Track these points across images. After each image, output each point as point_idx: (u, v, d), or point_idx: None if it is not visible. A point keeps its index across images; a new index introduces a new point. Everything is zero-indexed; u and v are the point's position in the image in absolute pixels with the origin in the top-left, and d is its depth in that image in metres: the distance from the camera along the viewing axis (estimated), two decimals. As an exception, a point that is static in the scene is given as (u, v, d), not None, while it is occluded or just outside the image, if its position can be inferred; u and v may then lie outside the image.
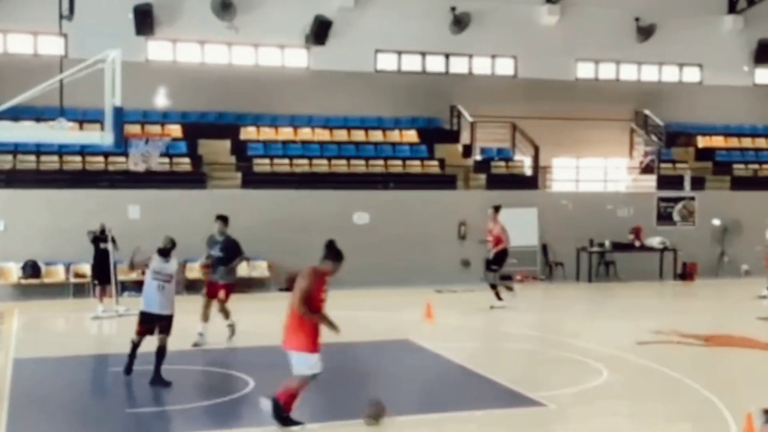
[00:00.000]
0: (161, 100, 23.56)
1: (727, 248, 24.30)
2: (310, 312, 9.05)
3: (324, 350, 9.49)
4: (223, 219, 14.64)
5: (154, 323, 11.17)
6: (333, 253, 9.40)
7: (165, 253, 11.36)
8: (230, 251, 14.32)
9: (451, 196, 23.16)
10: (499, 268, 18.21)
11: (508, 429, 9.55)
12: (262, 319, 15.46)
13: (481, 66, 26.55)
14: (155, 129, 22.34)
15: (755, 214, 24.32)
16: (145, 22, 23.39)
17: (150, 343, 11.24)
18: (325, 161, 23.48)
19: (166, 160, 21.59)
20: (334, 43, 24.80)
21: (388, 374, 12.32)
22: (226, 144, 23.48)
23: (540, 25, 26.49)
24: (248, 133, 24.22)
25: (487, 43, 26.07)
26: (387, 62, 25.85)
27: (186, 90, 23.87)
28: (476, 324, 16.63)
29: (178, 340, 12.72)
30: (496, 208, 18.51)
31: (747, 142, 28.25)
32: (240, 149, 23.42)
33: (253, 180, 22.31)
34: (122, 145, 11.66)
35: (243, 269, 21.00)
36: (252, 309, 18.65)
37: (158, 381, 10.82)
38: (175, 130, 23.06)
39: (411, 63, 26.05)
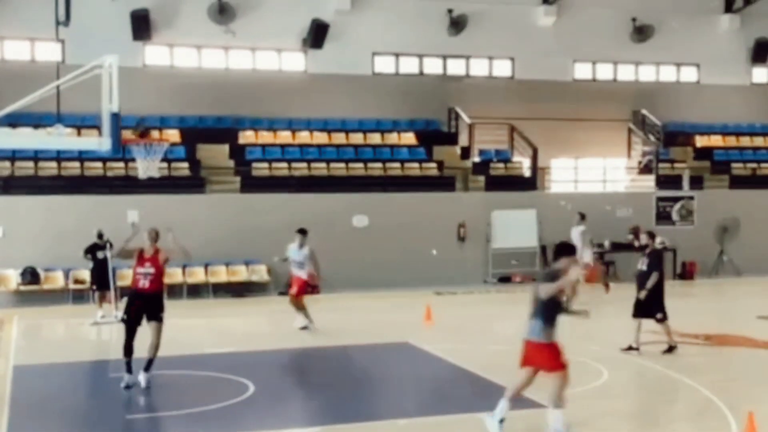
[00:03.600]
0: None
1: (726, 247, 24.28)
2: None
3: (324, 353, 9.51)
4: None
5: None
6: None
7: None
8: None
9: (449, 198, 23.16)
10: None
11: (508, 431, 9.53)
12: (262, 323, 15.45)
13: (479, 68, 26.55)
14: (153, 134, 22.33)
15: (754, 213, 24.41)
16: (141, 27, 23.38)
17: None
18: (323, 164, 23.47)
19: (165, 165, 21.57)
20: (331, 46, 24.79)
21: (388, 377, 12.31)
22: (225, 148, 23.48)
23: (537, 26, 26.49)
24: (246, 137, 24.22)
25: (484, 45, 26.07)
26: (384, 65, 25.84)
27: (184, 95, 23.87)
28: (475, 326, 16.62)
29: (176, 346, 12.73)
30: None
31: (745, 141, 28.25)
32: (238, 153, 23.42)
33: (251, 184, 22.31)
34: (120, 150, 11.65)
35: (243, 273, 21.06)
36: (252, 313, 18.68)
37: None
38: (173, 134, 23.05)
39: (408, 65, 26.04)
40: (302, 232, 15.78)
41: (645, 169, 26.11)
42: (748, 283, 22.67)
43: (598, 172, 26.85)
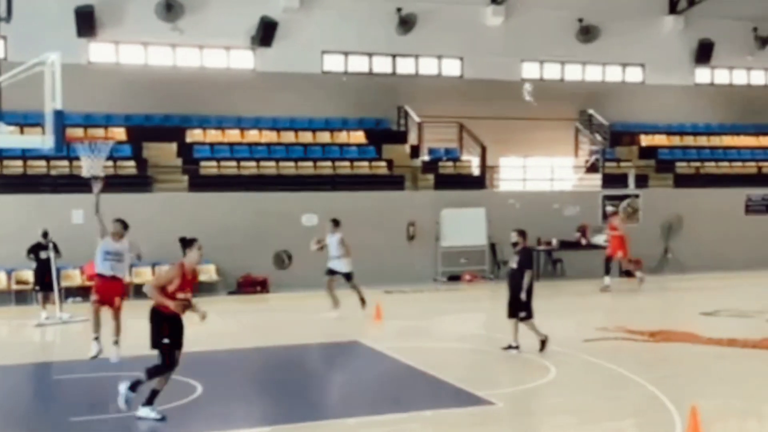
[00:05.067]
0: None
1: (670, 245, 24.69)
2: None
3: (274, 352, 9.45)
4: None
5: None
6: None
7: None
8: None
9: (399, 197, 23.20)
10: None
11: (456, 428, 9.58)
12: (210, 323, 15.27)
13: (428, 67, 26.65)
14: (98, 132, 22.04)
15: (697, 211, 24.86)
16: (86, 24, 23.03)
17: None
18: (272, 163, 23.34)
19: (111, 163, 21.27)
20: (280, 44, 24.68)
21: (337, 376, 12.30)
22: (172, 147, 23.23)
23: (485, 26, 26.67)
24: (194, 135, 23.99)
25: (433, 44, 26.18)
26: (334, 63, 25.80)
27: (130, 92, 23.58)
28: (425, 324, 16.66)
29: (122, 348, 12.56)
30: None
31: (689, 141, 28.76)
32: (186, 152, 23.19)
33: (199, 183, 22.11)
34: (64, 148, 11.45)
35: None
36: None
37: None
38: (119, 133, 22.74)
39: (358, 64, 26.05)
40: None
41: (592, 168, 26.45)
42: (692, 279, 23.07)
43: (545, 170, 27.12)
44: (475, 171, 24.94)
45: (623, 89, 28.45)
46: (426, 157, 25.16)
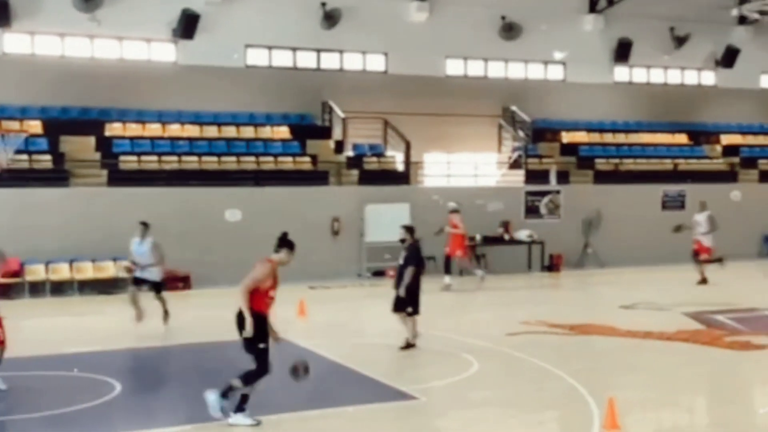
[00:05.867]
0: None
1: (590, 240, 25.16)
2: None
3: (195, 350, 9.31)
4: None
5: None
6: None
7: None
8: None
9: (323, 192, 23.11)
10: None
11: (380, 423, 9.58)
12: (130, 320, 14.98)
13: (352, 62, 26.58)
14: (13, 125, 21.43)
15: (616, 207, 25.40)
16: (0, 13, 22.30)
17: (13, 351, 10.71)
18: (195, 158, 22.98)
19: (26, 157, 20.70)
20: (202, 37, 24.28)
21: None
22: (91, 140, 22.67)
23: (409, 21, 26.72)
24: (113, 129, 23.45)
25: (357, 39, 26.11)
26: (257, 57, 25.53)
27: (46, 84, 22.93)
28: (349, 320, 16.64)
29: (38, 346, 12.22)
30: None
31: (608, 138, 29.32)
32: (105, 146, 22.66)
33: (119, 177, 21.65)
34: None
35: (111, 269, 20.38)
36: (120, 310, 18.09)
37: None
38: (35, 126, 22.10)
39: (282, 58, 25.81)
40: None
41: (514, 164, 26.75)
42: (611, 274, 23.58)
43: (469, 166, 27.36)
44: (400, 167, 24.99)
45: (545, 86, 28.84)
46: (350, 153, 25.11)
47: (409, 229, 13.64)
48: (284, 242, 9.73)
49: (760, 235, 27.80)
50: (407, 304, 13.21)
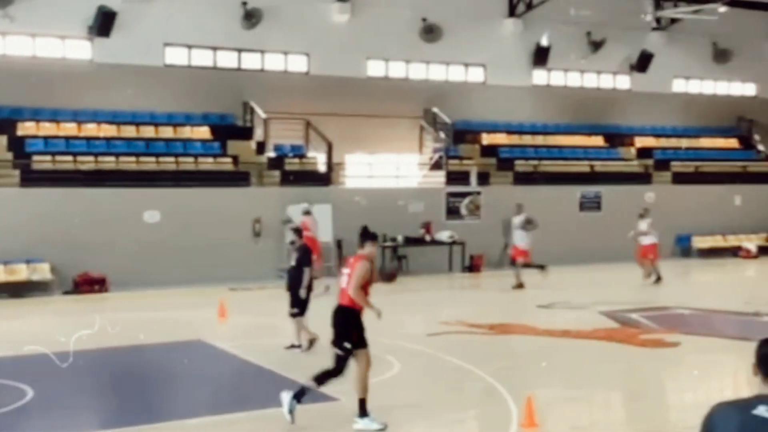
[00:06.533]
0: None
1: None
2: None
3: (112, 353, 9.13)
4: None
5: None
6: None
7: None
8: None
9: (244, 194, 22.92)
10: None
11: (300, 425, 9.52)
12: (44, 324, 14.60)
13: (274, 62, 26.41)
14: None
15: (535, 208, 25.75)
16: None
17: None
18: (112, 158, 22.52)
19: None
20: (119, 35, 23.80)
21: (178, 376, 11.97)
22: (2, 140, 22.03)
23: (331, 22, 26.69)
24: (26, 128, 22.80)
25: (279, 39, 25.95)
26: (176, 56, 25.15)
27: (-45, 82, 22.20)
28: (270, 321, 16.52)
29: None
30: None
31: (528, 140, 29.78)
32: (17, 145, 22.02)
33: (32, 178, 21.08)
34: None
35: (23, 272, 19.84)
36: (33, 313, 17.68)
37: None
38: (-57, 124, 21.39)
39: (202, 58, 25.49)
40: None
41: (436, 166, 26.96)
42: (530, 274, 23.87)
43: (391, 167, 27.46)
44: (322, 168, 24.95)
45: (465, 89, 29.12)
46: (272, 154, 24.95)
47: (297, 231, 13.69)
48: (367, 235, 9.65)
49: (673, 236, 28.60)
50: (293, 304, 13.12)
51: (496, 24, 29.19)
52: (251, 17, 25.22)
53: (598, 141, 30.78)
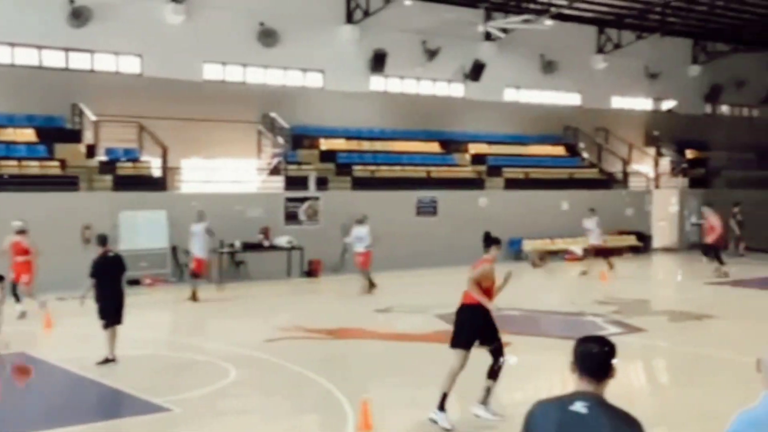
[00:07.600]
0: None
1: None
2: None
3: None
4: None
5: None
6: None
7: None
8: None
9: (73, 199, 21.96)
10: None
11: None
12: None
13: (105, 63, 25.48)
14: None
15: (374, 213, 26.02)
16: None
17: None
18: (-74, 161, 21.09)
19: None
20: (-66, 30, 22.34)
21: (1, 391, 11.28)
22: None
23: (166, 23, 26.03)
24: None
25: (110, 39, 25.05)
26: (-2, 55, 23.85)
27: None
28: (98, 332, 15.87)
29: None
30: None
31: (366, 145, 30.07)
32: None
33: None
34: None
35: None
36: None
37: None
38: None
39: (25, 56, 24.26)
40: None
41: (274, 171, 26.78)
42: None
43: (229, 172, 27.03)
44: (156, 172, 24.24)
45: (304, 94, 29.08)
46: (103, 157, 24.02)
47: (102, 240, 13.34)
48: (491, 240, 10.19)
49: (505, 240, 29.53)
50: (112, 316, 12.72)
51: (334, 30, 29.33)
52: (79, 15, 24.21)
53: (434, 147, 31.44)
